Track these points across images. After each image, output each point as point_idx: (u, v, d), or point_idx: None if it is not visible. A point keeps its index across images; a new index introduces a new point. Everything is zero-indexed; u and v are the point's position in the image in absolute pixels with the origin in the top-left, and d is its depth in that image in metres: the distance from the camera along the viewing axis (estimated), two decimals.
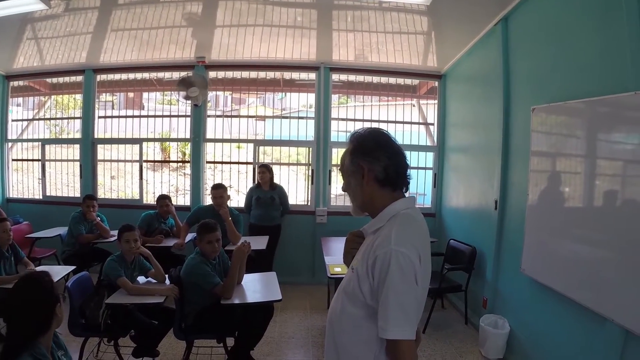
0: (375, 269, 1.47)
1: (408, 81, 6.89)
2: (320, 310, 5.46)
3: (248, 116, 7.90)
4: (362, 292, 1.53)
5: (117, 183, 8.19)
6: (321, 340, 4.59)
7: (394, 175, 1.61)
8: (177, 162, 9.76)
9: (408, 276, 1.44)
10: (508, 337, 4.16)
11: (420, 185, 6.85)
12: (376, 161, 1.60)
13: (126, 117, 7.66)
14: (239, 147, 7.85)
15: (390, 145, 1.64)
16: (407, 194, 1.69)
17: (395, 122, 6.84)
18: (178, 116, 7.31)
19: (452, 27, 5.09)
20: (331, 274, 4.10)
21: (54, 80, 7.75)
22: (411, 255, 1.45)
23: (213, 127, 7.08)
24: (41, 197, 7.67)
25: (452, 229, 6.04)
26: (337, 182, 6.32)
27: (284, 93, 7.36)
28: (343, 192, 1.75)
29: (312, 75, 6.76)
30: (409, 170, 1.68)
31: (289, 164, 7.51)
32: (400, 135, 6.72)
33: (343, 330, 1.61)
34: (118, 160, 7.72)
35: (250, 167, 6.98)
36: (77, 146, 7.61)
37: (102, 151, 7.50)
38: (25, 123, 8.01)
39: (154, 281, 4.03)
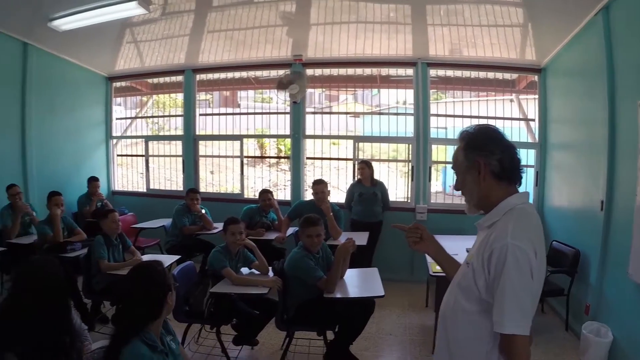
0: (491, 263, 1.46)
1: (506, 76, 6.63)
2: (419, 308, 5.39)
3: (347, 113, 7.96)
4: (477, 286, 1.52)
5: (216, 178, 8.48)
6: (419, 338, 4.56)
7: (510, 168, 1.60)
8: (276, 157, 10.01)
9: (524, 270, 1.43)
10: (610, 347, 3.90)
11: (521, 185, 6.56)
12: (491, 155, 1.59)
13: (226, 114, 7.93)
14: (334, 144, 7.91)
15: (502, 139, 1.63)
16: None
17: (495, 117, 6.59)
18: (277, 113, 7.46)
19: (549, 18, 4.86)
20: (433, 272, 3.98)
21: (155, 80, 8.15)
22: (527, 250, 1.44)
23: (311, 124, 7.16)
24: (145, 190, 8.11)
25: (554, 230, 5.71)
26: (436, 179, 6.20)
27: (377, 89, 7.32)
28: (455, 192, 1.71)
29: (410, 71, 6.66)
30: (521, 164, 1.66)
31: (387, 161, 7.51)
32: None
33: (457, 325, 1.61)
34: (219, 156, 7.99)
35: (346, 163, 7.03)
36: (176, 142, 7.99)
37: (202, 147, 7.81)
38: (128, 121, 8.49)
39: (257, 273, 4.12)
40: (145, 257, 4.54)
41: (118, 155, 8.51)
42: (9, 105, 6.06)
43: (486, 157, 1.59)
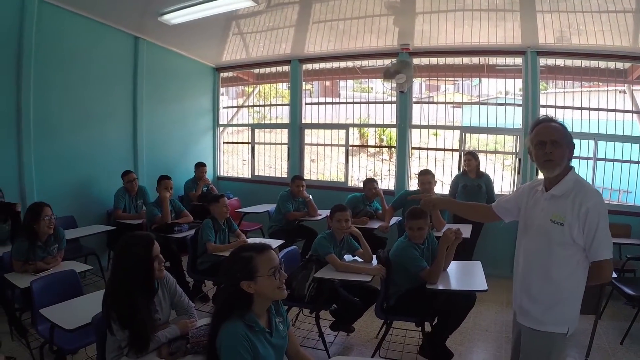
0: (588, 217, 2.07)
1: (618, 65, 6.20)
2: None
3: (453, 103, 7.84)
4: (572, 236, 2.11)
5: (317, 166, 8.63)
6: None
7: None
8: (380, 147, 10.04)
9: (607, 217, 2.11)
10: None
11: (624, 181, 6.16)
12: (572, 143, 2.22)
13: (332, 103, 8.05)
14: (434, 135, 7.83)
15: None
16: None
17: (607, 110, 6.20)
18: (382, 103, 7.54)
19: None
20: None
21: (260, 70, 8.39)
22: (605, 204, 2.16)
23: (416, 114, 7.12)
24: (250, 177, 8.43)
25: None
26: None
27: (479, 79, 7.16)
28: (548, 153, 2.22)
29: (518, 60, 6.45)
30: None
31: (492, 152, 7.34)
32: (605, 124, 6.15)
33: (557, 267, 2.17)
34: (325, 145, 8.10)
35: (451, 154, 6.96)
36: (279, 131, 8.32)
37: (306, 136, 8.00)
38: (234, 110, 8.82)
39: (360, 260, 4.15)
40: (249, 241, 4.68)
41: (224, 143, 8.86)
42: (121, 96, 6.45)
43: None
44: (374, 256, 4.09)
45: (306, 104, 7.95)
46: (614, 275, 3.78)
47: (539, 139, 2.23)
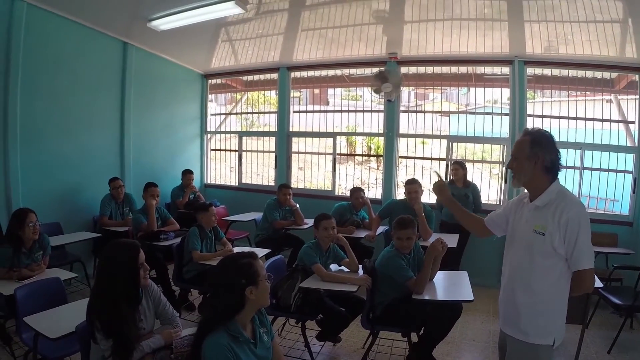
0: (568, 226, 2.12)
1: (605, 75, 6.24)
2: None
3: (440, 112, 7.84)
4: (553, 246, 2.15)
5: (304, 174, 8.58)
6: None
7: (555, 167, 2.25)
8: (367, 155, 10.04)
9: (589, 227, 2.15)
10: None
11: (610, 190, 6.21)
12: (548, 154, 2.22)
13: (320, 111, 8.05)
14: (422, 143, 7.83)
15: (555, 144, 2.27)
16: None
17: (594, 119, 6.22)
18: (370, 111, 7.55)
19: None
20: None
21: (249, 78, 8.37)
22: (587, 213, 2.20)
23: (403, 123, 7.12)
24: (237, 184, 8.38)
25: None
26: None
27: (467, 88, 7.18)
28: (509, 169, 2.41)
29: (506, 70, 6.48)
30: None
31: (479, 162, 7.36)
32: (591, 133, 6.17)
33: (536, 275, 2.22)
34: (312, 153, 8.09)
35: (438, 163, 6.95)
36: (266, 138, 8.25)
37: (293, 144, 7.98)
38: (221, 117, 8.78)
39: (346, 270, 4.13)
40: (236, 249, 4.66)
41: (212, 150, 8.82)
42: (108, 102, 6.39)
43: (544, 154, 2.22)
44: (360, 266, 4.08)
45: (294, 111, 7.93)
46: (601, 284, 3.78)
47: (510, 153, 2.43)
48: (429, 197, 6.56)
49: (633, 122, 6.06)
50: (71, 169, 5.83)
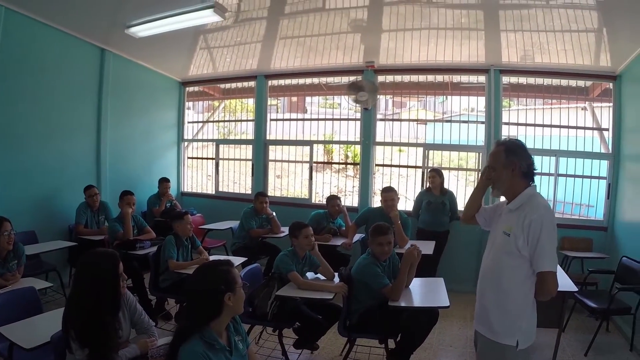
0: (531, 228, 2.21)
1: (579, 83, 6.34)
2: None
3: (417, 120, 7.90)
4: (517, 247, 2.25)
5: (281, 182, 8.60)
6: None
7: (531, 171, 2.38)
8: (344, 164, 10.06)
9: (554, 231, 2.25)
10: None
11: (585, 195, 6.31)
12: (523, 160, 2.36)
13: (297, 120, 8.04)
14: (399, 151, 7.87)
15: (527, 150, 2.41)
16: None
17: (568, 127, 6.31)
18: (347, 119, 7.55)
19: (626, 23, 4.61)
20: None
21: (226, 85, 8.35)
22: (553, 218, 2.30)
23: (380, 131, 7.15)
24: (213, 192, 8.32)
25: (625, 246, 5.40)
26: None
27: (445, 96, 7.25)
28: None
29: (482, 78, 6.54)
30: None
31: (455, 169, 7.44)
32: (566, 140, 6.26)
33: (504, 276, 2.33)
34: (289, 161, 8.08)
35: (414, 170, 6.99)
36: (244, 146, 8.23)
37: (270, 152, 7.96)
38: (199, 125, 8.73)
39: (323, 278, 4.13)
40: (212, 258, 4.62)
41: (189, 158, 8.75)
42: (85, 108, 6.32)
43: (520, 161, 2.35)
44: (336, 273, 4.08)
45: (271, 120, 7.92)
46: (576, 288, 3.83)
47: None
48: (405, 204, 6.60)
49: (607, 129, 6.18)
50: (47, 175, 5.75)
